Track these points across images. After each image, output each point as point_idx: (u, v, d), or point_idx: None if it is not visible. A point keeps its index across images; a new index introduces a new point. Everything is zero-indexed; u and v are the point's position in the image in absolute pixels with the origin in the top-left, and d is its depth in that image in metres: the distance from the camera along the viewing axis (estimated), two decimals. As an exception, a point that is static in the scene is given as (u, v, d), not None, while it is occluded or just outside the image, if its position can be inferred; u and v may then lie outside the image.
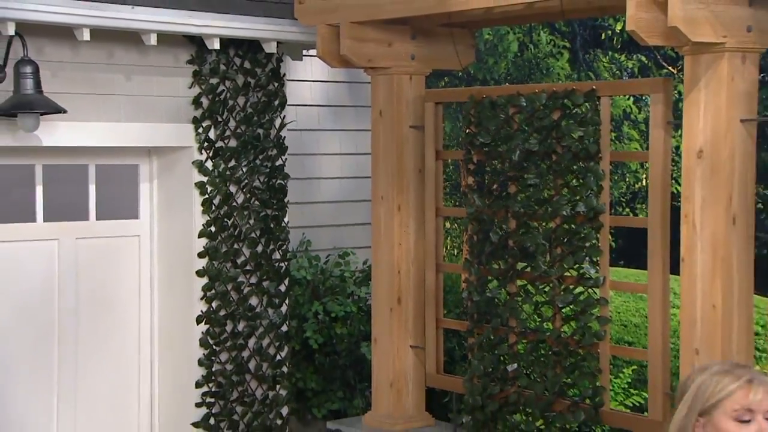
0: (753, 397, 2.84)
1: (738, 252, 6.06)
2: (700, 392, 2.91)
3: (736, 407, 2.84)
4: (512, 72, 13.34)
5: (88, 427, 8.14)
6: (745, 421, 2.84)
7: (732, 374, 2.89)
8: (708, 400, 2.88)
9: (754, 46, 6.00)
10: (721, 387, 2.87)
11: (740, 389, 2.85)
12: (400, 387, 7.83)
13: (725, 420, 2.85)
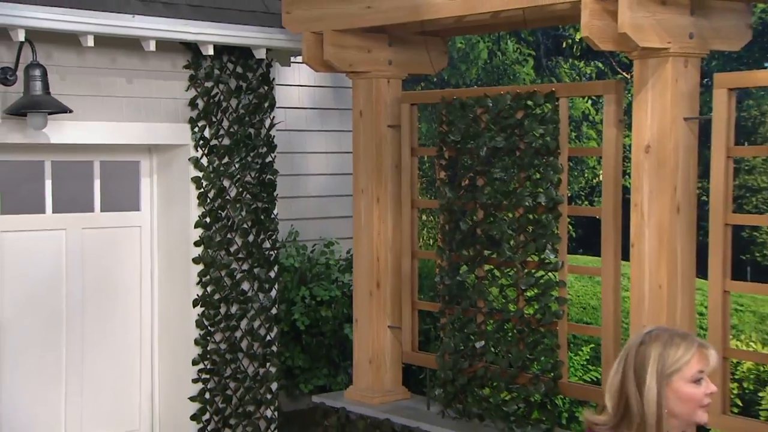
0: (710, 360, 2.98)
1: (682, 238, 6.10)
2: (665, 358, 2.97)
3: (693, 371, 2.94)
4: (482, 77, 13.31)
5: (94, 403, 8.15)
6: (698, 384, 2.95)
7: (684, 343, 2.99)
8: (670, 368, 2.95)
9: (695, 51, 6.04)
10: (680, 355, 2.96)
11: (695, 356, 2.95)
12: (378, 364, 7.84)
13: (683, 384, 2.95)
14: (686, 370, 2.93)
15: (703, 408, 2.98)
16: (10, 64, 7.14)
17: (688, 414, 2.98)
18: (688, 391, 2.94)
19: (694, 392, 2.94)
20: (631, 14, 5.73)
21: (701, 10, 6.02)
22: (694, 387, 2.94)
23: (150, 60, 7.80)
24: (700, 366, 2.94)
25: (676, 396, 2.95)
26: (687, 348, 2.96)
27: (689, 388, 2.94)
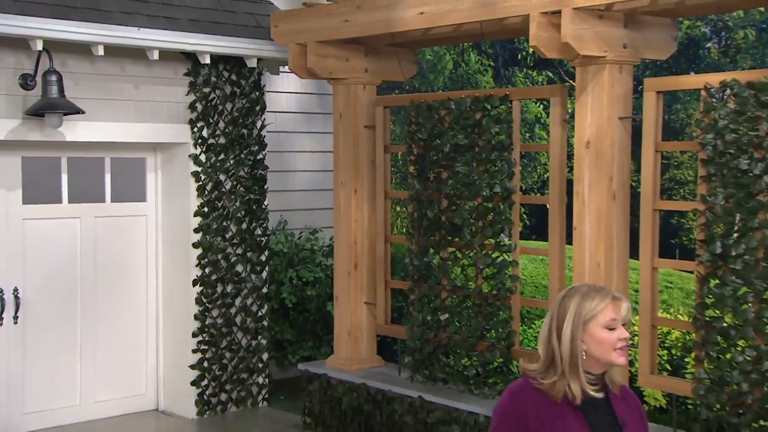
0: (621, 311, 3.06)
1: (617, 222, 6.18)
2: (583, 308, 3.06)
3: (607, 319, 3.03)
4: (449, 85, 13.26)
5: (105, 370, 8.19)
6: (612, 329, 3.04)
7: (599, 295, 3.08)
8: (586, 315, 3.04)
9: (628, 59, 6.11)
10: (595, 305, 3.05)
11: (608, 306, 3.05)
12: (356, 335, 7.88)
13: (598, 329, 3.03)
14: (600, 317, 3.02)
15: (617, 351, 3.05)
16: (30, 70, 7.17)
17: (604, 356, 3.04)
18: (602, 335, 3.02)
19: (607, 336, 3.02)
20: (573, 26, 5.80)
21: (633, 23, 6.09)
22: (607, 332, 3.03)
23: (154, 68, 7.81)
24: (612, 314, 3.03)
25: (592, 339, 3.03)
26: (602, 299, 3.05)
27: (603, 333, 3.02)
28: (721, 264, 5.63)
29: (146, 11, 7.60)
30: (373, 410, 7.42)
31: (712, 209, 5.65)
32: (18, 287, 7.68)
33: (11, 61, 7.18)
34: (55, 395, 7.95)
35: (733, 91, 5.56)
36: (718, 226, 5.66)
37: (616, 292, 3.14)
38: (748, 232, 5.50)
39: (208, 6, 8.08)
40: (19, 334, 7.71)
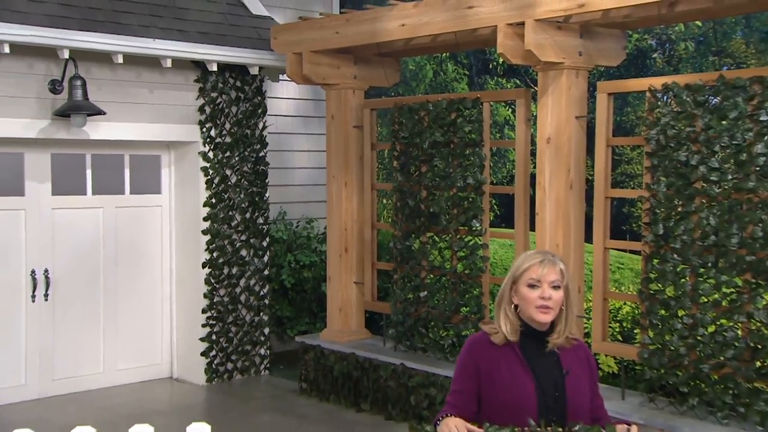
0: (541, 271, 3.07)
1: (574, 208, 6.27)
2: (513, 268, 3.15)
3: (529, 277, 3.07)
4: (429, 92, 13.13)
5: (125, 342, 8.23)
6: (533, 287, 3.07)
7: (532, 257, 3.12)
8: (516, 273, 3.11)
9: (583, 65, 6.19)
10: (524, 264, 3.11)
11: (533, 265, 3.09)
12: (347, 311, 7.92)
13: (523, 287, 3.08)
14: (525, 276, 3.08)
15: (537, 308, 3.07)
16: (58, 76, 7.22)
17: (527, 311, 3.09)
18: (524, 292, 3.08)
19: (528, 294, 3.07)
20: (535, 36, 5.89)
21: (588, 34, 6.17)
22: (529, 290, 3.07)
23: (167, 75, 7.86)
24: (534, 274, 3.06)
25: (519, 296, 3.09)
26: (531, 260, 3.10)
27: (526, 290, 3.07)
28: (663, 244, 5.71)
29: (160, 24, 7.65)
30: (361, 376, 7.47)
31: (656, 196, 5.74)
32: (48, 269, 7.73)
33: (42, 68, 7.22)
34: (81, 364, 7.98)
35: (673, 92, 5.66)
36: (660, 210, 5.73)
37: (550, 256, 3.14)
38: (686, 216, 5.58)
39: (216, 20, 8.13)
40: (50, 310, 7.77)
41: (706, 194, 5.48)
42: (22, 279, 7.66)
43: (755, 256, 5.27)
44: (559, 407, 3.09)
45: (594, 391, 3.24)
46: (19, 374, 7.67)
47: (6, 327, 7.59)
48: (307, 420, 7.24)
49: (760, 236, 5.24)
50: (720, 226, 5.42)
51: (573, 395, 3.12)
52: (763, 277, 5.28)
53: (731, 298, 5.43)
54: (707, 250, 5.50)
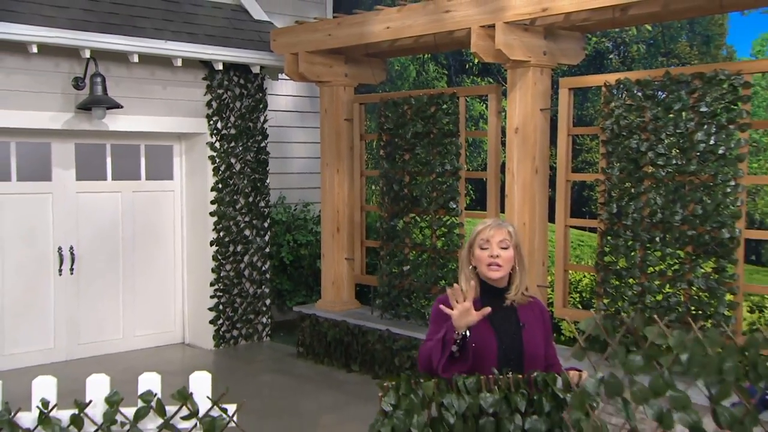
0: (489, 233, 3.11)
1: (538, 191, 6.33)
2: (473, 233, 3.16)
3: (482, 239, 3.11)
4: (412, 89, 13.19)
5: (142, 311, 8.29)
6: (484, 248, 3.10)
7: (484, 223, 3.16)
8: (471, 238, 3.15)
9: (547, 63, 6.25)
10: (478, 229, 3.14)
11: (484, 229, 3.13)
12: (339, 284, 7.98)
13: (477, 249, 3.11)
14: (478, 238, 3.12)
15: (488, 266, 3.10)
16: (80, 74, 7.27)
17: (481, 269, 3.11)
18: (477, 252, 3.11)
19: (481, 254, 3.10)
20: (504, 37, 5.95)
21: (551, 35, 6.24)
22: (481, 251, 3.10)
23: (178, 73, 7.90)
24: (485, 236, 3.10)
25: (475, 256, 3.12)
26: (483, 225, 3.14)
27: (479, 251, 3.11)
28: (616, 221, 5.79)
29: (172, 28, 7.68)
30: (351, 341, 7.52)
31: (610, 179, 5.82)
32: (73, 246, 7.79)
33: (66, 66, 7.26)
34: (103, 330, 8.05)
35: (625, 87, 5.73)
36: (614, 192, 5.80)
37: (499, 221, 3.19)
38: (637, 196, 5.67)
39: (221, 24, 8.15)
40: (75, 282, 7.83)
41: (654, 177, 5.56)
42: (50, 255, 7.71)
43: (695, 231, 5.36)
44: (516, 356, 3.11)
45: (548, 342, 3.26)
46: (49, 339, 7.74)
47: (36, 298, 7.64)
48: (304, 379, 7.30)
49: (700, 213, 5.33)
50: (665, 205, 5.51)
51: (529, 346, 3.14)
52: (702, 250, 5.37)
53: (675, 268, 5.52)
54: (654, 227, 5.59)
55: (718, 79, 5.20)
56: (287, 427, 6.02)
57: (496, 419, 2.83)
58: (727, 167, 5.19)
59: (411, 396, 2.78)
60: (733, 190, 5.17)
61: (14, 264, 7.52)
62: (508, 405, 2.82)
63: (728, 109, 5.18)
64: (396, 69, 12.18)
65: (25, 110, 7.10)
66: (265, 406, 6.51)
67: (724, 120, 5.19)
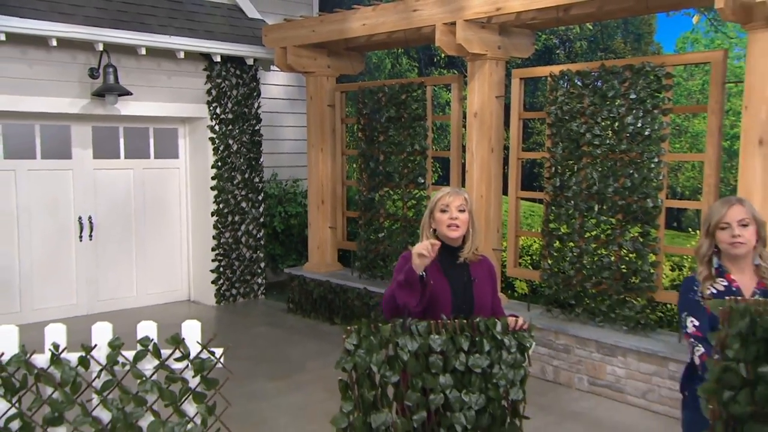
0: (449, 199, 3.12)
1: (494, 168, 6.36)
2: (431, 202, 3.16)
3: (442, 204, 3.11)
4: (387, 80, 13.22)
5: (152, 273, 8.28)
6: (444, 212, 3.10)
7: (444, 191, 3.15)
8: (432, 204, 3.14)
9: (502, 56, 6.26)
10: (437, 197, 3.14)
11: (444, 196, 3.12)
12: (323, 249, 8.00)
13: (438, 212, 3.11)
14: (438, 204, 3.12)
15: (448, 227, 3.10)
16: (95, 65, 7.22)
17: (442, 230, 3.11)
18: (438, 216, 3.11)
19: (441, 217, 3.10)
20: (464, 33, 5.97)
21: (505, 32, 6.25)
22: (441, 214, 3.11)
23: (181, 64, 7.85)
24: (445, 202, 3.11)
25: (436, 219, 3.12)
26: (442, 193, 3.14)
27: (439, 215, 3.11)
28: (559, 193, 5.86)
29: (175, 24, 7.61)
30: (334, 298, 7.57)
31: (554, 157, 5.87)
32: (91, 215, 7.77)
33: (82, 58, 7.20)
34: (119, 288, 8.06)
35: (567, 77, 5.78)
36: (558, 168, 5.86)
37: (457, 189, 3.18)
38: (576, 172, 5.73)
39: (219, 22, 8.08)
40: (93, 247, 7.83)
41: (591, 155, 5.62)
42: (72, 224, 7.70)
43: (625, 201, 5.44)
44: (467, 306, 3.15)
45: (494, 294, 3.28)
46: (72, 296, 7.75)
47: (60, 260, 7.64)
48: (293, 331, 7.35)
49: (628, 186, 5.41)
50: (600, 179, 5.57)
51: (479, 297, 3.17)
52: (631, 217, 5.45)
53: (608, 233, 5.60)
54: (591, 198, 5.65)
55: (645, 71, 5.26)
56: (278, 370, 6.09)
57: (443, 357, 2.89)
58: (652, 146, 5.26)
59: (371, 338, 2.85)
60: (656, 166, 5.25)
61: (40, 231, 7.51)
62: (454, 345, 2.89)
63: (653, 97, 5.24)
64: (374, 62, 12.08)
65: (47, 96, 7.05)
66: (259, 353, 6.57)
67: (650, 106, 5.25)
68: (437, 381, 2.87)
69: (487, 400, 2.91)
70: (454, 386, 2.88)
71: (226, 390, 5.35)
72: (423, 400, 2.87)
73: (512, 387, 2.94)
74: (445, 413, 2.89)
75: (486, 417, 2.94)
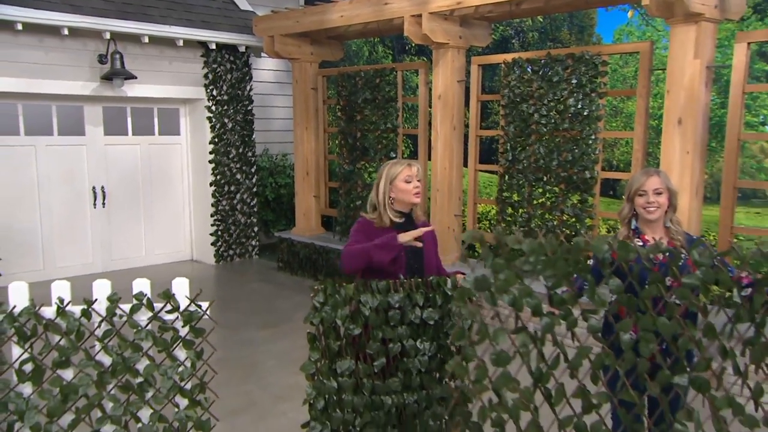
0: (412, 171, 3.09)
1: (455, 144, 6.35)
2: (388, 175, 3.11)
3: (404, 176, 3.07)
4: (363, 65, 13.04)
5: (159, 236, 8.25)
6: (408, 182, 3.08)
7: (401, 163, 3.11)
8: (392, 176, 3.08)
9: (463, 45, 6.21)
10: (398, 168, 3.09)
11: (404, 169, 3.09)
12: (308, 215, 7.99)
13: (401, 183, 3.07)
14: (401, 176, 3.08)
15: (413, 195, 3.09)
16: (103, 52, 7.11)
17: (407, 198, 3.10)
18: (403, 186, 3.08)
19: (406, 186, 3.08)
20: (428, 24, 5.91)
21: (465, 23, 6.19)
22: (405, 184, 3.08)
23: (181, 51, 7.74)
24: (408, 173, 3.08)
25: (397, 189, 3.08)
26: (401, 165, 3.10)
27: (403, 185, 3.08)
28: (511, 166, 5.87)
29: (175, 15, 7.49)
30: (318, 258, 7.58)
31: (507, 134, 5.87)
32: (104, 185, 7.71)
33: (92, 45, 7.09)
34: (129, 249, 8.03)
35: (519, 64, 5.75)
36: (510, 144, 5.87)
37: (411, 161, 3.13)
38: (526, 147, 5.74)
39: (214, 13, 7.95)
40: (106, 213, 7.77)
41: (538, 133, 5.63)
42: (86, 192, 7.64)
43: (567, 173, 5.47)
44: (418, 265, 3.15)
45: (437, 255, 3.29)
46: (88, 256, 7.71)
47: (77, 224, 7.60)
48: (282, 286, 7.36)
49: (570, 160, 5.43)
50: (546, 154, 5.59)
51: (427, 257, 3.18)
52: (572, 187, 5.48)
53: (552, 200, 5.63)
54: (538, 170, 5.68)
55: (584, 59, 5.25)
56: (268, 320, 6.12)
57: (401, 311, 2.89)
58: (590, 125, 5.27)
59: (336, 295, 2.86)
60: (593, 143, 5.27)
61: (59, 199, 7.45)
62: (410, 301, 2.89)
63: (591, 82, 5.24)
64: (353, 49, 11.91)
65: (62, 80, 6.95)
66: (252, 306, 6.60)
67: (588, 90, 5.25)
68: (395, 332, 2.88)
69: (438, 348, 2.94)
70: (410, 336, 2.90)
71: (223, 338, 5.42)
72: (383, 348, 2.89)
73: (459, 334, 2.98)
74: (402, 359, 2.92)
75: (437, 361, 2.98)
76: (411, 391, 2.93)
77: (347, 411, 2.87)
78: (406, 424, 2.97)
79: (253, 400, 4.42)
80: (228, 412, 4.20)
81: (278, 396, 4.47)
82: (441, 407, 2.99)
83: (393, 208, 3.12)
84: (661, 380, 2.24)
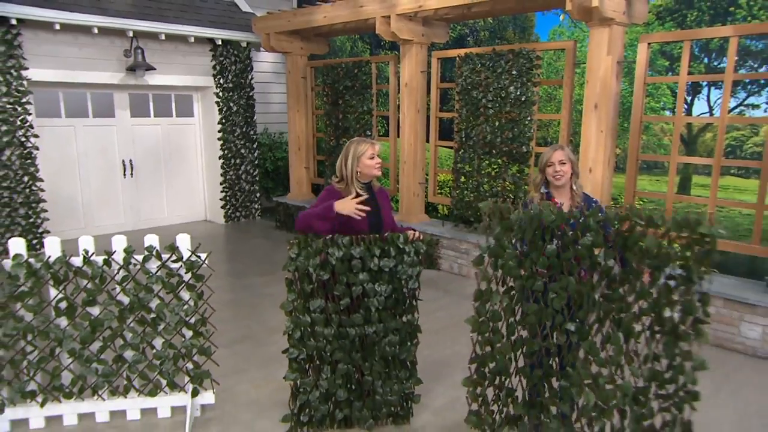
0: (376, 149, 3.01)
1: (419, 125, 6.30)
2: (357, 150, 3.01)
3: (371, 153, 2.99)
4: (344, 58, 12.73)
5: (177, 200, 8.16)
6: (372, 158, 3.01)
7: (366, 142, 3.03)
8: (359, 153, 3.00)
9: (425, 42, 6.13)
10: (363, 147, 3.01)
11: (368, 148, 3.02)
12: (301, 183, 7.97)
13: (366, 159, 3.00)
14: (366, 153, 3.01)
15: (376, 168, 3.01)
16: (127, 47, 6.96)
17: (370, 172, 3.01)
18: (367, 162, 3.00)
19: (370, 162, 3.00)
20: (396, 24, 5.84)
21: (427, 23, 6.11)
22: (370, 160, 3.01)
23: (193, 46, 7.59)
24: (372, 151, 3.01)
25: (363, 165, 3.00)
26: (366, 144, 3.03)
27: (368, 161, 3.00)
28: (464, 142, 5.85)
29: (187, 16, 7.33)
30: (309, 217, 7.61)
31: (461, 116, 5.85)
32: (132, 159, 7.61)
33: (118, 42, 6.94)
34: (153, 211, 7.96)
35: (470, 58, 5.71)
36: (463, 124, 5.84)
37: (373, 141, 3.01)
38: (476, 127, 5.72)
39: (220, 14, 7.78)
40: (134, 182, 7.70)
41: (486, 115, 5.62)
42: (117, 165, 7.55)
43: (508, 148, 5.49)
44: (378, 223, 3.12)
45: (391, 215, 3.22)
46: (119, 217, 7.66)
47: (110, 191, 7.53)
48: (279, 242, 7.36)
49: (510, 137, 5.44)
50: (492, 132, 5.59)
51: (385, 217, 3.14)
52: (512, 159, 5.50)
53: (496, 171, 5.65)
54: (486, 145, 5.68)
55: (522, 54, 5.24)
56: (266, 269, 6.15)
57: (362, 261, 2.94)
58: (526, 109, 5.29)
59: (308, 248, 2.92)
60: (529, 123, 5.29)
61: (95, 170, 7.37)
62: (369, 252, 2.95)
63: (527, 73, 5.24)
64: (338, 45, 11.72)
65: (95, 71, 6.82)
66: (255, 257, 6.62)
67: (525, 80, 5.25)
68: (357, 277, 2.94)
69: (393, 290, 3.00)
70: (369, 281, 2.95)
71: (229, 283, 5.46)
72: (347, 290, 2.95)
73: (410, 279, 3.05)
74: (363, 299, 3.00)
75: (392, 300, 3.06)
76: (371, 324, 3.02)
77: (319, 340, 2.96)
78: (367, 350, 3.06)
79: (252, 332, 4.50)
80: (231, 341, 4.28)
81: (272, 328, 4.55)
82: (395, 336, 3.08)
83: (358, 179, 3.09)
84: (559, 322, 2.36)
